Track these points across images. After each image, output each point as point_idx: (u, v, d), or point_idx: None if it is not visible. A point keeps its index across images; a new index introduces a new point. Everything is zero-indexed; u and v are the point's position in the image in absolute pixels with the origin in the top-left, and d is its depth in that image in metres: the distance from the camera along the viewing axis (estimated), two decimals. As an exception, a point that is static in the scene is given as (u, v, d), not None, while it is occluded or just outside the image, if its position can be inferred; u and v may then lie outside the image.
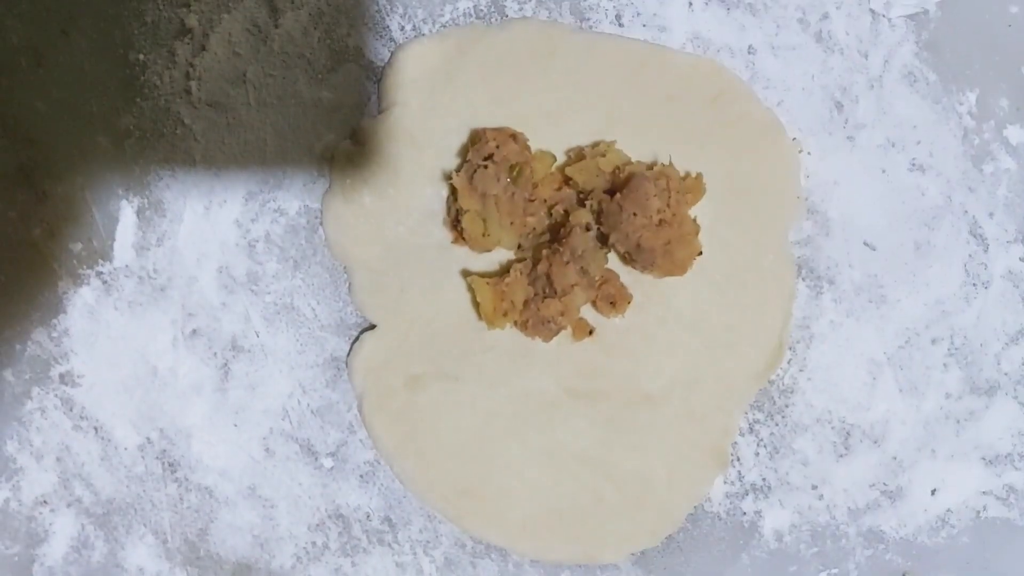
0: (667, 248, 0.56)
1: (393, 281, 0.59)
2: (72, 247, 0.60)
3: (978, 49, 0.59)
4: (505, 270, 0.58)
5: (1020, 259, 0.60)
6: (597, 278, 0.57)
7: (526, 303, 0.57)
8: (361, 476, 0.61)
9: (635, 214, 0.55)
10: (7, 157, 0.59)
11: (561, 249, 0.55)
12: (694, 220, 0.57)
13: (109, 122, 0.59)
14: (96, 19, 0.59)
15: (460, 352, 0.59)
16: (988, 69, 0.59)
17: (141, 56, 0.59)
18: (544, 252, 0.56)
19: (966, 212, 0.60)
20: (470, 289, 0.58)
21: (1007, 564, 0.61)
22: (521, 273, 0.57)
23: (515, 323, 0.58)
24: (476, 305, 0.58)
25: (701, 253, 0.57)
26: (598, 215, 0.56)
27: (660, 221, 0.55)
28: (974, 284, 0.60)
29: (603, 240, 0.57)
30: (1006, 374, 0.60)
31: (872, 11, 0.59)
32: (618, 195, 0.55)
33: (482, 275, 0.58)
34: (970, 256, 0.60)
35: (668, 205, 0.55)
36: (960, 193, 0.60)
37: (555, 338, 0.57)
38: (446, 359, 0.59)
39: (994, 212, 0.60)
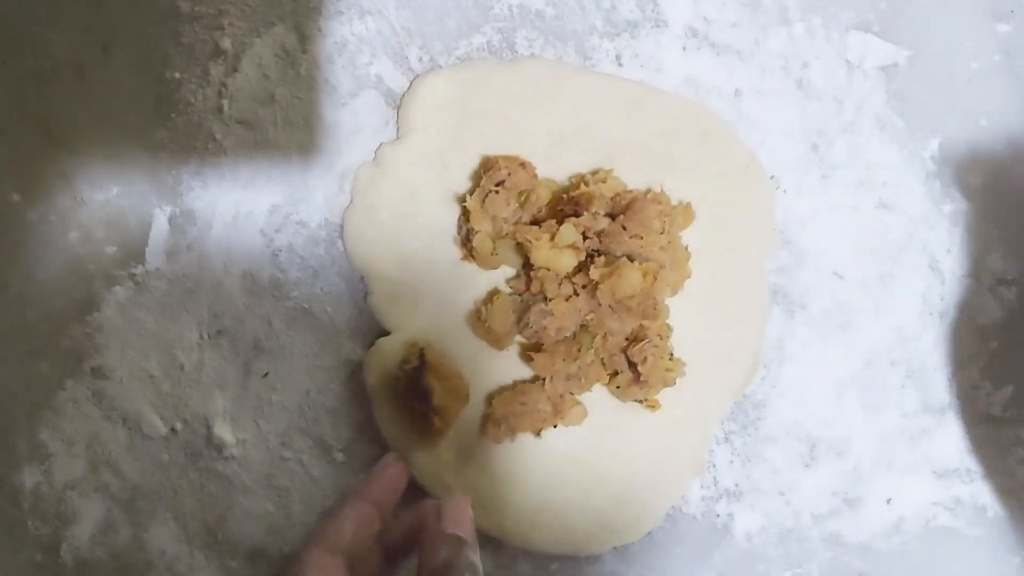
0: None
1: (407, 292, 0.59)
2: (107, 250, 0.60)
3: (942, 100, 0.62)
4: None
5: (973, 293, 0.62)
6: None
7: (524, 318, 0.57)
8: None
9: (640, 236, 0.55)
10: (49, 163, 0.59)
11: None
12: (686, 247, 0.58)
13: (145, 134, 0.60)
14: (136, 38, 0.59)
15: (467, 359, 0.59)
16: (950, 119, 0.62)
17: (177, 74, 0.60)
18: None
19: (926, 248, 0.63)
20: (472, 330, 0.59)
21: (953, 569, 0.63)
22: (496, 304, 0.57)
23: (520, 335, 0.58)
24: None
25: (690, 276, 0.59)
26: (599, 237, 0.56)
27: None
28: (931, 313, 0.63)
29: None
30: (956, 396, 0.63)
31: (848, 62, 0.62)
32: (621, 217, 0.55)
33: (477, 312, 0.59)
34: (928, 288, 0.63)
35: (664, 230, 0.56)
36: (921, 230, 0.62)
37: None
38: (453, 365, 0.58)
39: (951, 249, 0.63)
